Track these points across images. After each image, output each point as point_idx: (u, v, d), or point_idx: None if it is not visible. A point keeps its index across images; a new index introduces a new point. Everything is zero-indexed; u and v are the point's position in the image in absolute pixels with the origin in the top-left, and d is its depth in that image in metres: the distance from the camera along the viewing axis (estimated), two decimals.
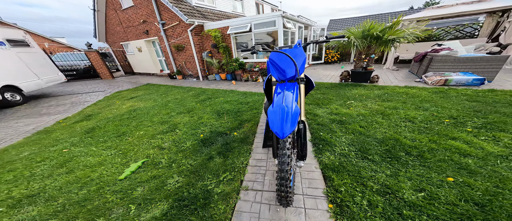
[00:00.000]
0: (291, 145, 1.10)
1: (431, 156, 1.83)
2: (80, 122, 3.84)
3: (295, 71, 1.32)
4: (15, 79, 5.91)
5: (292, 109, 1.07)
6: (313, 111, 3.22)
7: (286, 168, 1.03)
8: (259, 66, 6.63)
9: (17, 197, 1.74)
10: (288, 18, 6.01)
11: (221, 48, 6.90)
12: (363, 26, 4.56)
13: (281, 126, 1.01)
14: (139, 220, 1.37)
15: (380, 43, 4.36)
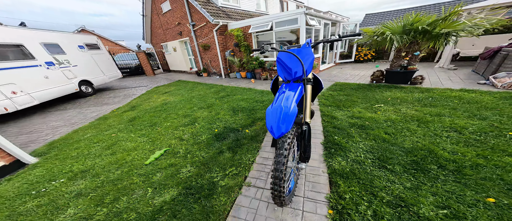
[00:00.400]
0: (289, 145, 1.08)
1: (473, 173, 1.53)
2: (127, 111, 4.51)
3: (302, 72, 1.28)
4: (89, 75, 7.29)
5: (290, 109, 1.05)
6: (332, 113, 3.00)
7: (281, 168, 1.02)
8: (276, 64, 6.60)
9: (75, 171, 2.20)
10: (312, 15, 5.62)
11: (243, 47, 6.96)
12: (404, 20, 3.91)
13: (276, 125, 1.02)
14: (152, 202, 1.57)
15: (428, 38, 3.65)
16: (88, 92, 7.23)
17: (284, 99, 1.14)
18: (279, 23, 5.91)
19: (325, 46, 7.79)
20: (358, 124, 2.55)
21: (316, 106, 3.47)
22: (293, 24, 5.58)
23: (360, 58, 8.64)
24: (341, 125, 2.57)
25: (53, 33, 6.42)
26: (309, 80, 1.36)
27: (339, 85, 4.67)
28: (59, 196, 1.76)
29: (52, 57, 6.07)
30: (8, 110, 4.75)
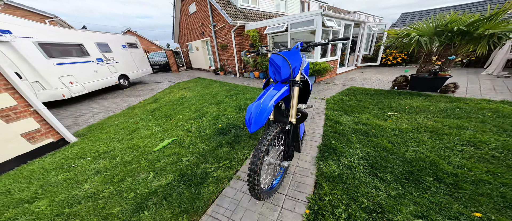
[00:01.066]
0: (269, 142, 1.10)
1: (472, 188, 1.38)
2: (151, 103, 4.94)
3: (289, 73, 1.30)
4: (127, 70, 8.15)
5: (266, 107, 1.07)
6: (336, 118, 2.85)
7: (257, 162, 1.05)
8: None
9: (100, 152, 2.52)
10: (329, 16, 5.28)
11: (257, 47, 6.94)
12: (436, 20, 3.39)
13: (251, 121, 1.05)
14: (150, 185, 1.73)
15: (468, 40, 3.12)
16: (125, 85, 8.08)
17: (264, 98, 1.17)
18: (294, 24, 5.73)
19: (346, 49, 7.27)
20: (362, 130, 2.40)
21: (310, 109, 3.36)
22: (309, 25, 5.35)
23: (388, 61, 7.75)
24: (343, 130, 2.44)
25: (104, 34, 7.38)
26: (296, 82, 1.35)
27: (353, 90, 4.37)
28: (82, 172, 2.05)
29: (101, 55, 6.97)
30: (65, 96, 5.58)
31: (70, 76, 5.80)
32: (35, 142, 2.85)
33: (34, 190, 1.78)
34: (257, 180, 1.09)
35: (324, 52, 6.11)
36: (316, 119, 2.92)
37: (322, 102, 3.65)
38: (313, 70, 5.18)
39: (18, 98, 2.75)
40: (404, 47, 3.83)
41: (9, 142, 2.58)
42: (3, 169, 2.35)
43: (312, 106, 2.61)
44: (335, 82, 5.37)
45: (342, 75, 6.50)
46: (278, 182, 1.55)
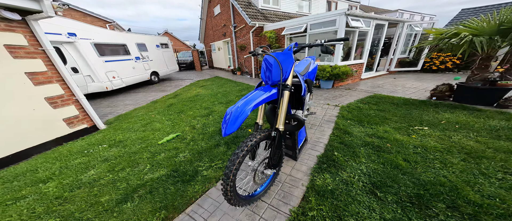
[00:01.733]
0: (248, 147, 1.03)
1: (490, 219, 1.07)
2: (170, 98, 5.23)
3: (279, 77, 1.19)
4: (158, 68, 8.85)
5: (242, 112, 0.99)
6: (347, 128, 2.51)
7: (231, 167, 0.99)
8: None
9: (116, 140, 2.74)
10: (356, 16, 4.66)
11: (274, 48, 6.73)
12: (502, 15, 2.65)
13: (226, 124, 0.97)
14: (143, 177, 1.77)
15: None
16: (155, 81, 8.79)
17: (244, 101, 1.07)
18: (314, 25, 5.30)
19: (376, 51, 6.31)
20: (375, 144, 2.07)
21: (318, 116, 3.02)
22: (331, 26, 4.86)
23: (433, 66, 6.27)
24: (351, 142, 2.14)
25: (143, 36, 8.19)
26: (286, 86, 1.21)
27: (377, 98, 3.81)
28: (94, 158, 2.24)
29: (139, 54, 7.72)
30: (108, 89, 6.31)
31: (113, 72, 6.54)
32: (72, 127, 3.25)
33: (52, 171, 2.00)
34: (230, 185, 1.01)
35: (347, 55, 5.46)
36: (323, 127, 2.64)
37: (335, 109, 3.28)
38: (330, 74, 4.67)
39: (66, 89, 3.15)
40: (451, 49, 3.10)
41: (53, 125, 2.99)
42: (44, 148, 2.75)
43: (315, 113, 2.36)
44: (357, 88, 4.78)
45: (368, 81, 5.72)
46: (263, 189, 1.43)
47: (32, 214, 1.36)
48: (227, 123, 0.97)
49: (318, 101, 3.81)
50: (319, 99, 3.96)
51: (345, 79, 5.12)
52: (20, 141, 2.60)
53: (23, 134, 2.62)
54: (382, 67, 7.02)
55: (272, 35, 6.58)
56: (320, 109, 3.33)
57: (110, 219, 1.26)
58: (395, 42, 6.31)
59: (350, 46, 5.19)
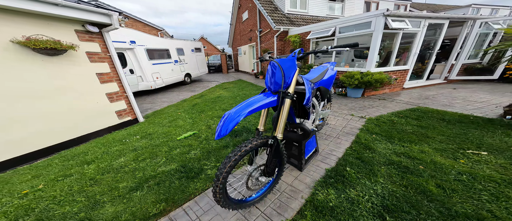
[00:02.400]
0: (242, 152, 1.02)
1: None
2: (196, 98, 5.65)
3: (281, 83, 1.16)
4: (191, 70, 9.72)
5: (235, 117, 0.99)
6: (371, 143, 2.17)
7: (222, 170, 1.00)
8: None
9: (147, 133, 3.11)
10: (398, 16, 3.87)
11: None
12: None
13: (219, 128, 0.99)
14: (156, 169, 1.94)
15: None
16: (187, 82, 9.65)
17: (240, 107, 1.07)
18: (344, 28, 4.74)
19: (430, 56, 5.11)
20: (402, 164, 1.74)
21: (337, 127, 2.70)
22: (364, 28, 4.19)
23: None
24: (371, 159, 1.86)
25: (181, 41, 9.19)
26: (288, 94, 1.15)
27: (420, 111, 3.09)
28: (127, 147, 2.59)
29: (178, 57, 8.66)
30: (152, 88, 7.29)
31: (157, 73, 7.49)
32: (121, 118, 3.87)
33: (96, 155, 2.41)
34: (219, 187, 1.01)
35: (386, 60, 4.58)
36: (340, 139, 2.37)
37: (359, 121, 2.90)
38: (360, 82, 4.08)
39: (120, 87, 3.79)
40: None
41: (108, 115, 3.63)
42: (98, 135, 3.36)
43: (327, 124, 2.14)
44: (396, 99, 4.03)
45: (414, 91, 4.68)
46: (258, 196, 1.38)
47: (69, 191, 1.66)
48: (220, 127, 0.97)
49: (341, 111, 3.43)
50: (342, 109, 3.56)
51: (380, 87, 4.39)
52: (84, 127, 3.24)
53: (87, 121, 3.26)
54: (438, 74, 5.73)
55: (296, 39, 6.32)
56: (340, 120, 2.99)
57: (119, 204, 1.43)
58: (460, 45, 5.07)
59: (391, 50, 4.38)
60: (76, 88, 3.07)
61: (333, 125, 2.82)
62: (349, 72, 4.32)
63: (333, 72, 2.06)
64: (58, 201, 1.51)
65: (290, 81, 1.18)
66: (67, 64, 2.96)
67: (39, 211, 1.40)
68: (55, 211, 1.38)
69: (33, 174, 2.05)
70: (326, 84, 1.89)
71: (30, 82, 2.55)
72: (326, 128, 2.73)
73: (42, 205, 1.47)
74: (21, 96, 2.47)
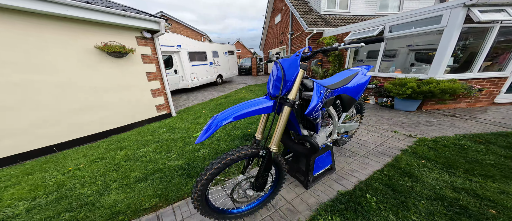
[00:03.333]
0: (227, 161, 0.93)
1: None
2: (222, 98, 5.86)
3: (279, 88, 1.01)
4: (223, 72, 10.31)
5: (216, 122, 0.91)
6: (413, 169, 1.64)
7: (203, 176, 0.93)
8: (377, 82, 4.25)
9: (173, 127, 3.38)
10: (495, 5, 2.79)
11: (332, 56, 5.71)
12: None
13: (201, 133, 0.93)
14: (166, 163, 2.03)
15: None
16: (219, 82, 10.22)
17: (231, 110, 0.97)
18: (398, 26, 3.81)
19: None
20: (460, 202, 1.25)
21: (368, 145, 2.16)
22: (431, 25, 3.19)
23: None
24: (408, 189, 1.41)
25: (217, 45, 9.89)
26: (287, 101, 0.98)
27: (508, 136, 2.18)
28: (153, 138, 2.86)
29: (213, 60, 9.37)
30: (189, 86, 8.13)
31: (195, 74, 8.29)
32: (159, 111, 4.42)
33: (130, 143, 2.76)
34: (197, 194, 0.93)
35: (468, 63, 3.31)
36: (369, 159, 1.91)
37: (404, 140, 2.24)
38: (414, 92, 3.14)
39: (161, 84, 4.37)
40: None
41: (150, 108, 4.21)
42: (140, 125, 3.90)
43: (347, 141, 1.74)
44: (476, 117, 2.91)
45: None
46: (248, 209, 1.24)
47: (96, 173, 1.92)
48: (203, 131, 0.90)
49: (379, 126, 2.78)
50: (382, 123, 2.89)
51: (450, 100, 3.33)
52: (133, 116, 3.86)
53: (135, 112, 3.87)
54: None
55: (330, 41, 5.70)
56: (375, 136, 2.42)
57: (122, 193, 1.54)
58: None
59: (477, 51, 3.20)
60: (131, 85, 3.73)
61: (363, 141, 2.31)
62: (399, 79, 3.43)
63: (364, 78, 1.65)
64: (83, 182, 1.76)
65: (290, 85, 0.98)
66: (126, 65, 3.60)
67: (65, 189, 1.66)
68: (75, 191, 1.61)
69: (84, 154, 2.53)
70: (352, 92, 1.51)
71: (104, 78, 3.27)
72: (353, 143, 2.26)
73: (71, 184, 1.74)
74: (97, 89, 3.20)
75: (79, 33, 2.92)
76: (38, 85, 2.65)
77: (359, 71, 1.67)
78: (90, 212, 1.30)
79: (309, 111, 1.04)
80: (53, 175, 1.94)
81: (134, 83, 3.81)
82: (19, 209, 1.36)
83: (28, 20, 2.45)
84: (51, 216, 1.26)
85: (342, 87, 1.40)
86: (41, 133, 2.75)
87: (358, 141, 2.32)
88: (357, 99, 1.64)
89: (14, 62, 2.45)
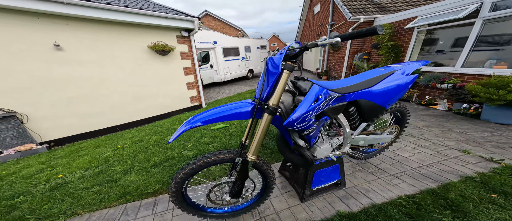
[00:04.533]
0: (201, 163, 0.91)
1: None
2: (248, 93, 5.86)
3: (260, 92, 0.88)
4: (254, 66, 10.33)
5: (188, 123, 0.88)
6: (470, 205, 1.16)
7: (177, 175, 0.93)
8: (454, 81, 3.06)
9: None
10: None
11: (384, 48, 4.55)
12: None
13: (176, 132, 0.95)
14: (180, 152, 2.18)
15: None
16: (249, 77, 10.28)
17: (205, 113, 0.91)
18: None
19: None
20: None
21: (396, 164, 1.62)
22: None
23: None
24: None
25: (250, 40, 9.95)
26: (266, 107, 0.84)
27: None
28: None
29: (245, 54, 9.54)
30: (222, 80, 8.62)
31: (227, 68, 8.71)
32: (192, 102, 4.92)
33: (163, 129, 3.13)
34: (172, 190, 0.93)
35: None
36: (400, 180, 1.47)
37: (477, 165, 1.56)
38: (502, 98, 2.23)
39: (195, 78, 4.85)
40: None
41: (185, 99, 4.75)
42: (176, 113, 4.46)
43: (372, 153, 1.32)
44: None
45: None
46: (231, 211, 1.20)
47: (131, 153, 2.27)
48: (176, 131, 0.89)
49: (441, 141, 2.03)
50: (447, 138, 2.09)
51: None
52: (172, 106, 4.49)
53: (173, 102, 4.48)
54: None
55: (385, 30, 4.52)
56: (424, 154, 1.81)
57: (139, 175, 1.74)
58: None
59: None
60: (172, 78, 4.30)
61: (402, 157, 1.79)
62: (498, 77, 2.40)
63: (403, 79, 1.19)
64: (120, 160, 2.12)
65: (269, 90, 0.83)
66: (168, 61, 4.16)
67: (107, 164, 2.01)
68: (112, 167, 1.95)
69: (132, 135, 3.09)
70: (378, 97, 1.12)
71: (153, 73, 3.89)
72: (386, 158, 1.79)
73: (113, 160, 2.12)
74: (148, 81, 3.86)
75: (137, 36, 3.54)
76: (111, 79, 3.40)
77: (399, 69, 1.22)
78: (111, 188, 1.56)
79: (289, 122, 0.84)
80: (106, 150, 2.47)
81: (174, 77, 4.34)
82: (75, 176, 1.79)
83: (100, 27, 3.12)
84: (87, 187, 1.59)
85: (361, 91, 1.05)
86: (112, 115, 3.60)
87: (394, 156, 1.80)
88: (387, 107, 1.21)
89: (93, 61, 3.21)
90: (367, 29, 0.60)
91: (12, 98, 2.61)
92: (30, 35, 2.58)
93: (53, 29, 2.72)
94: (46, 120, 2.93)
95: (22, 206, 1.39)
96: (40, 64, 2.72)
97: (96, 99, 3.35)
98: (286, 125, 0.86)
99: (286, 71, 0.79)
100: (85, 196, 1.46)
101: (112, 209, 1.33)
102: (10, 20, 2.42)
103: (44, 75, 2.78)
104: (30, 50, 2.61)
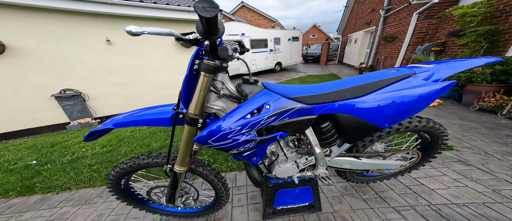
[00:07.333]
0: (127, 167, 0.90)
1: None
2: None
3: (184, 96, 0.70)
4: (283, 59, 9.78)
5: (104, 125, 0.83)
6: None
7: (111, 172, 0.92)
8: None
9: None
10: None
11: (471, 35, 3.25)
12: None
13: None
14: (178, 141, 2.17)
15: None
16: (277, 70, 9.78)
17: (122, 116, 0.83)
18: None
19: None
20: None
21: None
22: None
23: None
24: None
25: (279, 31, 9.43)
26: (185, 116, 0.70)
27: None
28: None
29: (273, 47, 9.14)
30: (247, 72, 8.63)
31: (254, 60, 8.57)
32: None
33: None
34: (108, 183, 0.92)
35: None
36: (400, 214, 1.10)
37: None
38: None
39: None
40: None
41: None
42: None
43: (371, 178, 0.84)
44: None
45: None
46: (184, 212, 1.18)
47: (140, 137, 2.42)
48: None
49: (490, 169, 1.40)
50: (502, 166, 1.42)
51: None
52: None
53: None
54: None
55: (479, 9, 3.11)
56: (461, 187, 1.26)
57: None
58: None
59: None
60: None
61: (424, 189, 1.30)
62: None
63: (424, 88, 0.76)
64: (129, 142, 2.30)
65: (182, 97, 0.68)
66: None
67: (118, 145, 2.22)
68: (119, 148, 2.12)
69: None
70: (367, 112, 0.76)
71: (178, 63, 4.15)
72: (400, 186, 1.32)
73: (124, 141, 2.33)
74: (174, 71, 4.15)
75: None
76: (144, 68, 3.81)
77: (419, 72, 0.79)
78: (106, 168, 1.65)
79: (200, 137, 0.66)
80: (126, 131, 2.73)
81: None
82: (93, 151, 2.00)
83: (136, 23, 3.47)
84: (91, 164, 1.74)
85: (340, 101, 0.74)
86: (144, 99, 4.05)
87: (413, 184, 1.32)
88: (385, 127, 0.81)
89: (134, 53, 3.60)
90: None
91: (80, 81, 3.25)
92: (92, 32, 3.15)
93: (105, 27, 3.24)
94: (101, 99, 3.56)
95: (44, 174, 1.62)
96: (98, 55, 3.30)
97: (135, 84, 3.85)
98: (197, 140, 0.67)
99: (203, 73, 0.62)
100: (84, 172, 1.58)
101: (94, 189, 1.38)
102: (81, 21, 3.00)
103: (101, 64, 3.37)
104: (92, 44, 3.19)
